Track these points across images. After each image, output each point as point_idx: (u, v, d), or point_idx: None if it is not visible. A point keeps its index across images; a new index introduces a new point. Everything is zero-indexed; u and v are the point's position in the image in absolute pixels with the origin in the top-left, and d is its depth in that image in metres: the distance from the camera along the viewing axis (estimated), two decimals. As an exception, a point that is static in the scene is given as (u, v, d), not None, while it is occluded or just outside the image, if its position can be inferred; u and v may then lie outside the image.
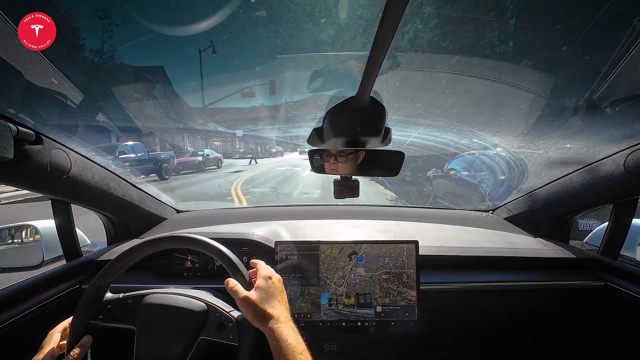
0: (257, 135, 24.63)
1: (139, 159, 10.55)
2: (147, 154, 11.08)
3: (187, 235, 0.81)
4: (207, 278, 1.09)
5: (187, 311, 0.76)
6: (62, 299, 0.95)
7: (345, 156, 0.90)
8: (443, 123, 4.19)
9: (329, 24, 8.00)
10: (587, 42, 1.54)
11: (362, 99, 0.59)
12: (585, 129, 1.39)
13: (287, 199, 7.80)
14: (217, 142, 25.35)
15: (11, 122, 0.70)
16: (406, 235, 1.27)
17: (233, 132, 23.08)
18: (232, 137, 26.05)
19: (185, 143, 20.50)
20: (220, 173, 13.38)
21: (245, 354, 0.72)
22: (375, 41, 0.43)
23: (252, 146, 27.02)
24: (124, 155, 10.36)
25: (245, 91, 13.60)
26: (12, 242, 1.29)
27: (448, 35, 3.34)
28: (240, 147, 27.06)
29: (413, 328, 0.98)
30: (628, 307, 0.96)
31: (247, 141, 27.74)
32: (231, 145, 26.79)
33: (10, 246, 1.29)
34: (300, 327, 0.97)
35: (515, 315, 1.14)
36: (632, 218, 1.08)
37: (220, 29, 17.77)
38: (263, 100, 18.79)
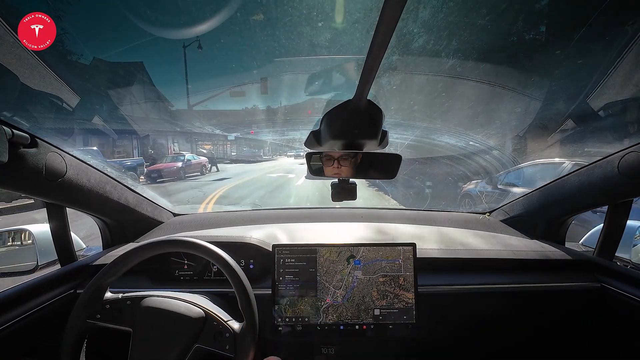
0: (251, 139, 23.95)
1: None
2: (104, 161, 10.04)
3: (184, 239, 0.81)
4: (204, 282, 1.09)
5: (184, 317, 0.75)
6: (57, 304, 0.94)
7: (347, 159, 0.91)
8: (439, 126, 4.22)
9: (326, 28, 8.07)
10: (580, 47, 1.57)
11: (360, 102, 0.59)
12: (579, 132, 1.41)
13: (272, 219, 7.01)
14: (207, 146, 24.29)
15: (5, 125, 0.69)
16: (404, 237, 1.27)
17: (224, 135, 22.10)
18: (224, 140, 25.00)
19: (170, 147, 18.60)
20: (202, 181, 11.54)
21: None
22: (372, 45, 0.43)
23: (246, 149, 26.14)
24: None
25: (235, 90, 11.90)
26: (6, 246, 1.28)
27: (444, 39, 3.38)
28: (233, 151, 26.07)
29: (411, 331, 0.97)
30: (624, 308, 0.97)
31: (239, 145, 26.80)
32: (222, 149, 25.72)
33: (4, 251, 1.27)
34: (298, 331, 0.96)
35: (513, 317, 1.15)
36: (627, 219, 1.09)
37: (217, 33, 17.71)
38: (255, 102, 18.28)
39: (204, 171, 13.55)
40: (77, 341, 0.74)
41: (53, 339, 0.91)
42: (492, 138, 3.01)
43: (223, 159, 22.15)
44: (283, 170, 14.65)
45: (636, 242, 1.22)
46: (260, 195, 8.38)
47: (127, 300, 0.79)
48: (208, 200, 7.39)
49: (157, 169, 11.59)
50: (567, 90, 1.58)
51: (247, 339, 0.73)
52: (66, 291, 0.98)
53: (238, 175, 13.23)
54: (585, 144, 1.30)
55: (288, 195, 8.37)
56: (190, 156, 13.37)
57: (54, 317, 0.93)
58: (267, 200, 7.74)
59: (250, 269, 1.08)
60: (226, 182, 10.79)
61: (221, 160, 19.94)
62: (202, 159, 14.03)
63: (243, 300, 0.76)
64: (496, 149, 2.83)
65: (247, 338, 0.73)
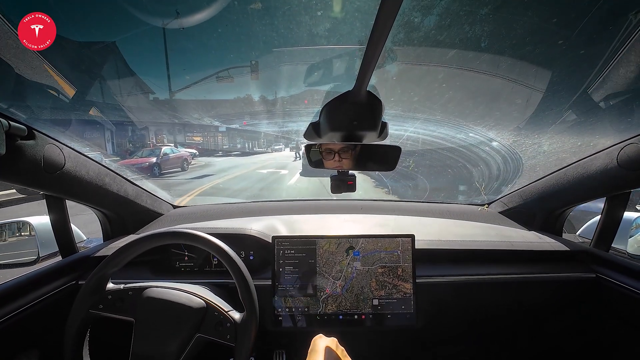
0: (244, 130, 22.68)
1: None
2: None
3: (184, 230, 0.81)
4: (205, 273, 1.10)
5: (186, 307, 0.76)
6: (59, 295, 0.95)
7: (346, 151, 0.90)
8: (440, 117, 4.20)
9: (325, 17, 7.92)
10: (583, 36, 1.55)
11: (359, 93, 0.58)
12: (580, 123, 1.40)
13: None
14: (197, 138, 22.78)
15: (2, 116, 0.68)
16: (403, 229, 1.28)
17: (214, 126, 20.47)
18: (215, 132, 23.34)
19: (151, 140, 16.62)
20: (178, 179, 10.27)
21: (243, 355, 0.72)
22: (372, 34, 0.43)
23: (239, 141, 24.88)
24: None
25: (222, 75, 9.27)
26: (6, 238, 1.28)
27: (445, 29, 3.33)
28: (225, 143, 24.62)
29: (409, 321, 0.99)
30: (618, 298, 0.98)
31: (232, 136, 25.25)
32: (214, 141, 24.04)
33: (5, 243, 1.28)
34: (298, 321, 0.98)
35: (510, 307, 1.16)
36: (624, 211, 1.09)
37: (215, 22, 17.21)
38: (248, 90, 17.48)
39: (185, 166, 12.06)
40: (80, 331, 0.75)
41: (56, 329, 0.93)
42: (492, 130, 2.99)
43: (214, 151, 20.80)
44: (275, 165, 13.06)
45: (632, 233, 1.23)
46: (250, 194, 7.42)
47: (129, 290, 0.79)
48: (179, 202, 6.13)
49: (125, 164, 10.31)
50: (569, 81, 1.56)
51: (248, 329, 0.74)
52: (68, 282, 0.99)
53: (224, 171, 11.71)
54: (585, 135, 1.30)
55: (280, 196, 7.45)
56: (169, 149, 11.79)
57: (57, 308, 0.94)
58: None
59: (250, 260, 1.09)
60: (205, 181, 9.55)
61: (212, 152, 18.77)
62: (184, 152, 12.43)
63: (243, 290, 0.77)
64: (496, 141, 2.82)
65: (248, 327, 0.74)
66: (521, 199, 1.40)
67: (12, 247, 1.27)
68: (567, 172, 1.15)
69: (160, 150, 11.27)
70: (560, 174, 1.18)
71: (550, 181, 1.24)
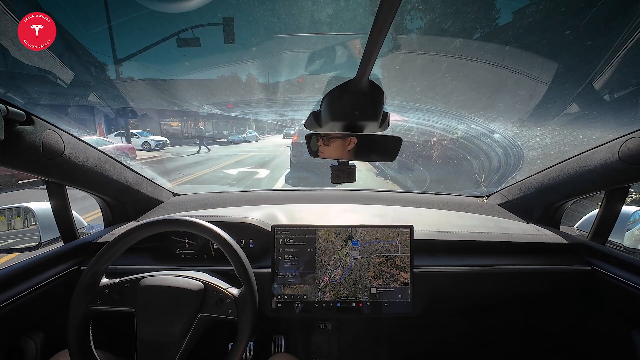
0: (229, 115, 19.75)
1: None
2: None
3: (184, 218, 0.82)
4: (204, 260, 1.11)
5: (185, 290, 0.77)
6: (62, 279, 0.97)
7: (348, 141, 0.90)
8: (442, 108, 4.15)
9: (328, 3, 7.71)
10: (591, 26, 1.51)
11: (361, 82, 0.58)
12: (583, 116, 1.39)
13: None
14: (174, 124, 20.37)
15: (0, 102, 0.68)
16: (402, 219, 1.28)
17: (190, 110, 16.82)
18: (195, 117, 20.58)
19: (100, 126, 12.92)
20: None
21: (246, 326, 0.75)
22: (375, 22, 0.42)
23: (222, 125, 21.73)
24: None
25: (183, 37, 5.48)
26: (8, 223, 1.29)
27: (450, 17, 3.25)
28: (207, 130, 22.06)
29: (406, 309, 1.01)
30: (612, 290, 1.00)
31: (216, 122, 22.52)
32: (194, 127, 21.17)
33: (7, 228, 1.29)
34: (297, 308, 1.00)
35: (506, 297, 1.18)
36: (622, 205, 1.10)
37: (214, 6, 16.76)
38: (234, 69, 14.71)
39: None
40: (83, 327, 0.76)
41: (59, 313, 0.95)
42: (494, 121, 2.97)
43: (188, 140, 18.51)
44: (254, 162, 9.93)
45: (630, 227, 1.24)
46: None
47: (125, 283, 0.81)
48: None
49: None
50: (574, 73, 1.54)
51: (247, 301, 0.76)
52: (71, 267, 1.01)
53: (187, 168, 9.34)
54: (587, 128, 1.29)
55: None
56: (106, 141, 9.42)
57: (60, 291, 0.96)
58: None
59: (250, 248, 1.10)
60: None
61: (185, 142, 16.09)
62: (127, 145, 9.72)
63: (239, 267, 0.79)
64: (498, 133, 2.80)
65: (246, 300, 0.76)
66: (521, 191, 1.40)
67: (14, 232, 1.28)
68: (567, 165, 1.15)
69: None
70: (560, 166, 1.18)
71: (550, 174, 1.24)
